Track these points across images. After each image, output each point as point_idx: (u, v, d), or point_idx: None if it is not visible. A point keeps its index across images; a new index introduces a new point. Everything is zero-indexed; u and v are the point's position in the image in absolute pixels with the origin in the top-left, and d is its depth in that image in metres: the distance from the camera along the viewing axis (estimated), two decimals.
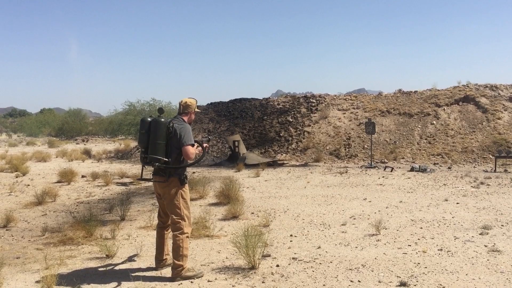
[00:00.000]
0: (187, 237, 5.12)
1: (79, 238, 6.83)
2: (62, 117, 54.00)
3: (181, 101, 5.27)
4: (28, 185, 13.03)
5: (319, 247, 6.24)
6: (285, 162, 18.61)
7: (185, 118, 5.21)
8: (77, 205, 9.88)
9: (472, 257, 5.67)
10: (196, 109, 5.37)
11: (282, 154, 20.13)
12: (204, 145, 5.49)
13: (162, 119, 5.02)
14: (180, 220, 5.05)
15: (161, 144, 4.96)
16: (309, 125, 21.79)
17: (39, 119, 57.18)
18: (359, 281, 4.93)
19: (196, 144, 5.28)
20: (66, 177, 13.42)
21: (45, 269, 5.32)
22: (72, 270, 5.43)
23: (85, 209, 9.02)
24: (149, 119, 5.11)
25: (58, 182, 13.45)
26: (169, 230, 5.35)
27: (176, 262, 4.98)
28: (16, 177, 14.93)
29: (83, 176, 14.61)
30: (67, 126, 47.93)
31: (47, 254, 5.74)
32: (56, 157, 23.22)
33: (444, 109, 20.46)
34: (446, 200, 9.51)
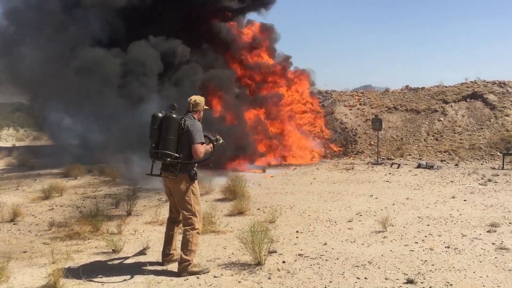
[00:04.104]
0: (198, 233, 5.13)
1: (86, 233, 6.84)
2: None
3: (190, 99, 5.26)
4: (35, 179, 13.09)
5: (325, 244, 6.23)
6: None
7: (195, 116, 5.21)
8: (83, 200, 9.91)
9: (480, 255, 5.63)
10: (205, 107, 5.36)
11: None
12: (219, 142, 5.47)
13: (174, 115, 5.02)
14: (191, 216, 5.06)
15: (172, 140, 4.97)
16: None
17: None
18: (365, 278, 4.91)
19: (207, 141, 5.30)
20: (73, 171, 13.46)
21: (52, 263, 5.35)
22: (79, 264, 5.45)
23: (91, 204, 9.03)
24: (160, 114, 5.11)
25: (65, 176, 13.49)
26: (180, 225, 5.36)
27: (184, 256, 4.99)
28: (23, 171, 15.00)
29: (90, 171, 14.63)
30: None
31: (54, 248, 5.75)
32: None
33: (451, 106, 20.32)
34: (453, 197, 9.46)
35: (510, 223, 7.25)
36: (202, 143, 5.09)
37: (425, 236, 6.54)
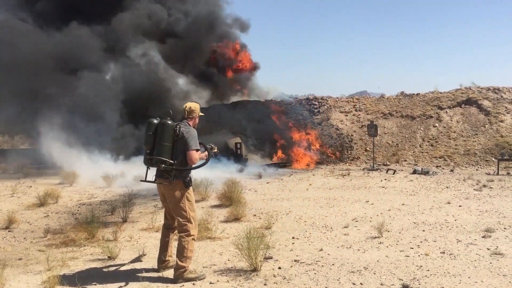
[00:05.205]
0: (193, 239, 5.12)
1: (81, 240, 6.83)
2: None
3: (185, 106, 5.27)
4: (30, 186, 13.05)
5: (321, 250, 6.23)
6: (288, 164, 18.60)
7: (190, 123, 5.22)
8: (79, 207, 9.89)
9: (475, 260, 5.65)
10: (200, 113, 5.38)
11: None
12: (213, 151, 5.50)
13: (169, 122, 5.03)
14: (186, 223, 5.06)
15: (167, 146, 4.98)
16: (311, 128, 21.77)
17: None
18: (361, 283, 4.92)
19: (202, 149, 5.31)
20: (68, 178, 13.43)
21: (47, 270, 5.33)
22: (74, 271, 5.43)
23: (87, 210, 9.01)
24: (155, 121, 5.12)
25: (60, 183, 13.46)
26: (175, 232, 5.35)
27: (179, 263, 4.98)
28: (19, 178, 14.95)
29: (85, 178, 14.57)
30: None
31: (49, 255, 5.74)
32: None
33: (446, 112, 20.43)
34: (449, 203, 9.49)
35: (505, 228, 7.28)
36: (197, 150, 5.10)
37: (421, 242, 6.55)
